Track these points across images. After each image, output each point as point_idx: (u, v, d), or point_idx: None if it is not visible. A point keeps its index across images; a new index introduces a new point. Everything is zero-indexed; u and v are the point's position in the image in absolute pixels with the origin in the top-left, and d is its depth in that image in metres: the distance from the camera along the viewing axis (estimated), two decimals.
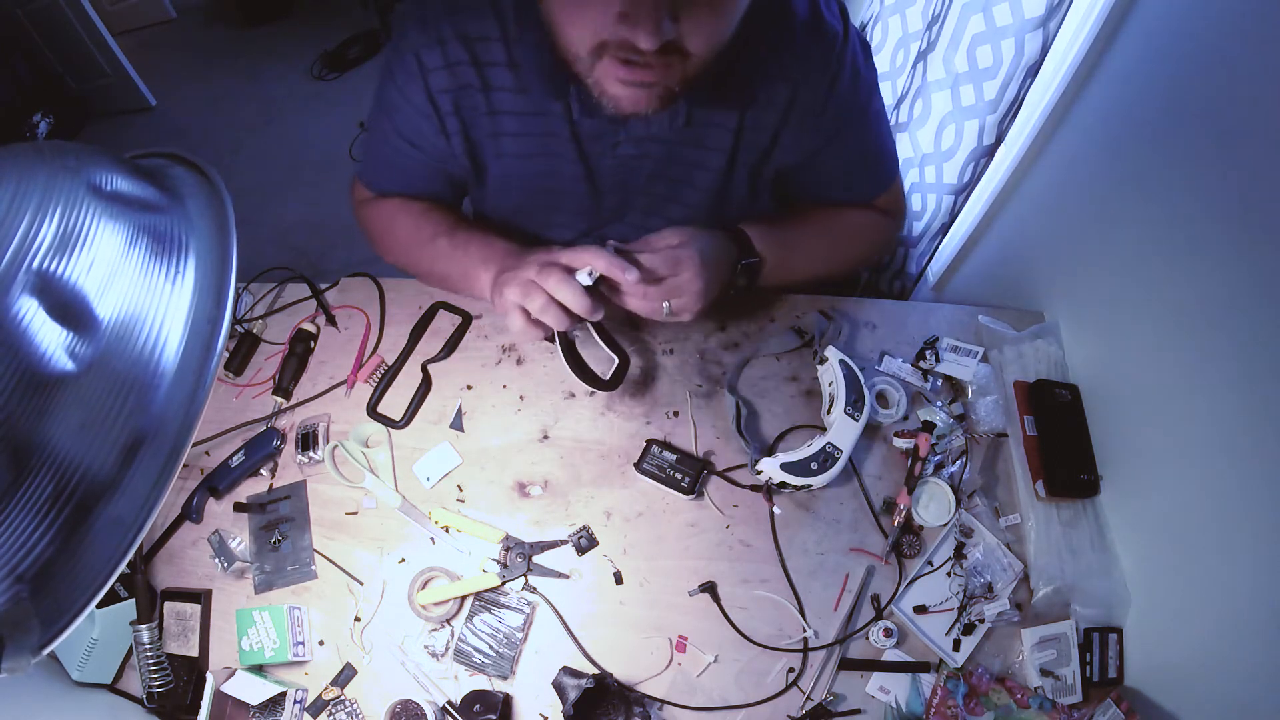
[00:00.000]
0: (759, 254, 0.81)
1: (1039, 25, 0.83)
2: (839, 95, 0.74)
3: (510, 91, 0.72)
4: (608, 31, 0.56)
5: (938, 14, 1.01)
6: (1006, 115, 0.94)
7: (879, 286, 1.30)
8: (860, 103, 0.78)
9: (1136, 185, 0.76)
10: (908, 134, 1.13)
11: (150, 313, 0.39)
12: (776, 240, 0.83)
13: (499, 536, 0.79)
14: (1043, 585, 0.75)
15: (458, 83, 0.72)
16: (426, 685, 0.74)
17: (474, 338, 0.91)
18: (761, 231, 0.82)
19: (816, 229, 0.89)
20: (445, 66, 0.71)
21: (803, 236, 0.87)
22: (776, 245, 0.83)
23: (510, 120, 0.74)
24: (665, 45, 0.55)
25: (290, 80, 3.00)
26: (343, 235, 2.37)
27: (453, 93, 0.73)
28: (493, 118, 0.75)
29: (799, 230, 0.87)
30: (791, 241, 0.86)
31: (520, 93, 0.72)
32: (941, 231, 1.13)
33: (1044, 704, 0.71)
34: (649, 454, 0.81)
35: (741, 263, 0.80)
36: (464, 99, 0.73)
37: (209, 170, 0.49)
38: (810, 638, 0.75)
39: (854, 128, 0.80)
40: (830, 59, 0.72)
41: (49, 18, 2.67)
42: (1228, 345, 0.64)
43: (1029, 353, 0.87)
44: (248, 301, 0.96)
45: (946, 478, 0.80)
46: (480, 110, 0.74)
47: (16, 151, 0.39)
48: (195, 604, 0.78)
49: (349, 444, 0.83)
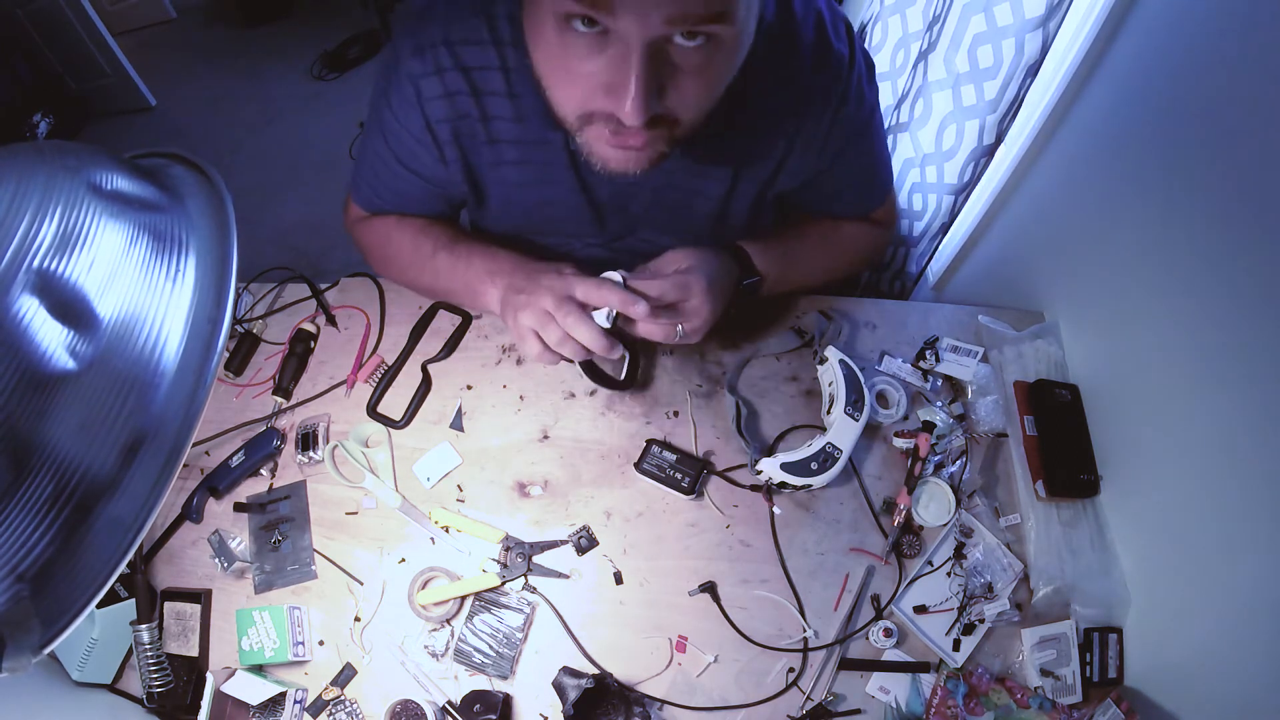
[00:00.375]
0: (759, 272, 0.82)
1: (1039, 25, 0.83)
2: (843, 120, 0.74)
3: (509, 121, 0.71)
4: (594, 103, 0.56)
5: (938, 14, 1.01)
6: (1007, 115, 0.94)
7: (879, 286, 1.30)
8: (862, 123, 0.77)
9: (1136, 185, 0.76)
10: (908, 134, 1.13)
11: (150, 312, 0.39)
12: (776, 257, 0.84)
13: (499, 536, 0.79)
14: (1043, 585, 0.75)
15: (456, 112, 0.71)
16: (426, 685, 0.74)
17: (474, 338, 0.91)
18: (761, 249, 0.83)
19: (814, 242, 0.90)
20: (444, 96, 0.69)
21: (801, 251, 0.88)
22: (776, 261, 0.84)
23: (510, 149, 0.74)
24: (653, 117, 0.54)
25: (290, 80, 3.00)
26: (343, 235, 2.33)
27: (451, 122, 0.71)
28: (493, 146, 0.74)
29: (797, 245, 0.88)
30: (791, 257, 0.86)
31: (519, 121, 0.71)
32: (941, 231, 1.13)
33: (1044, 704, 0.71)
34: (649, 454, 0.81)
35: (744, 282, 0.81)
36: (463, 128, 0.72)
37: (209, 170, 0.49)
38: (810, 638, 0.75)
39: (855, 148, 0.79)
40: (836, 87, 0.71)
41: (49, 18, 2.67)
42: (1228, 345, 0.64)
43: (1029, 353, 0.87)
44: (248, 301, 0.96)
45: (946, 478, 0.80)
46: (480, 139, 0.73)
47: (16, 151, 0.39)
48: (195, 604, 0.78)
49: (349, 444, 0.83)
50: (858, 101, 0.74)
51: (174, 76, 3.05)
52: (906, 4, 1.16)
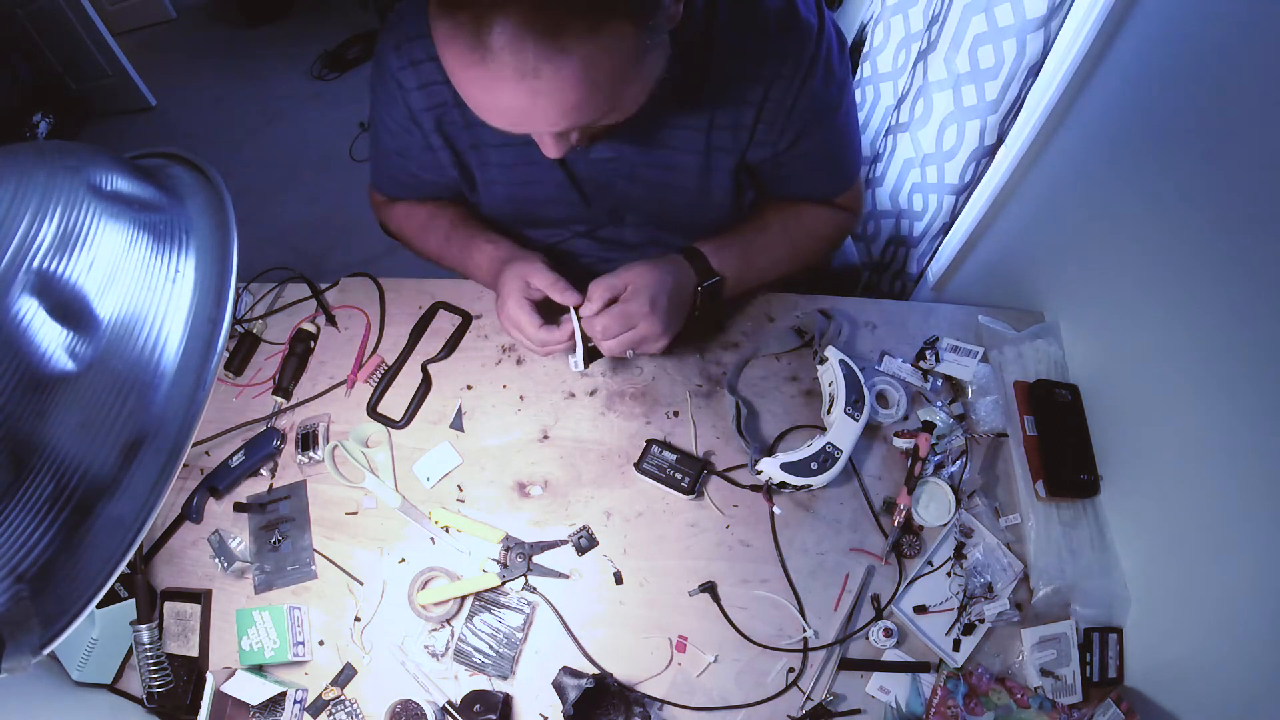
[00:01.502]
0: (717, 272, 0.82)
1: (1040, 25, 0.83)
2: (810, 93, 0.73)
3: None
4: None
5: (939, 14, 1.01)
6: (1008, 115, 0.94)
7: (879, 286, 1.30)
8: (831, 101, 0.77)
9: (1137, 185, 0.76)
10: (908, 134, 1.13)
11: (150, 312, 0.39)
12: (736, 254, 0.84)
13: (499, 536, 0.79)
14: (1043, 585, 0.75)
15: (433, 101, 0.74)
16: (426, 685, 0.74)
17: (474, 338, 0.91)
18: (716, 248, 0.83)
19: (776, 233, 0.89)
20: (420, 87, 0.73)
21: (761, 243, 0.87)
22: (736, 259, 0.84)
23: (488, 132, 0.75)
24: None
25: (290, 80, 2.99)
26: (342, 235, 2.37)
27: (431, 110, 0.75)
28: (471, 130, 0.77)
29: (759, 238, 0.87)
30: (751, 251, 0.86)
31: None
32: (942, 231, 1.13)
33: (1044, 704, 0.71)
34: (649, 454, 0.81)
35: (702, 285, 0.81)
36: (443, 115, 0.76)
37: (209, 170, 0.49)
38: (810, 638, 0.75)
39: (823, 126, 0.79)
40: (804, 56, 0.71)
41: (49, 18, 2.66)
42: (1228, 345, 0.64)
43: (1029, 353, 0.87)
44: (248, 301, 0.96)
45: (946, 478, 0.80)
46: (459, 125, 0.76)
47: (16, 151, 0.39)
48: (195, 604, 0.78)
49: (349, 444, 0.83)
50: (826, 76, 0.73)
51: (174, 76, 3.05)
52: (907, 4, 1.16)
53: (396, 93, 0.75)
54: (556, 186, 0.80)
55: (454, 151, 0.80)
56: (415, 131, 0.78)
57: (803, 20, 0.70)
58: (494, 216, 0.89)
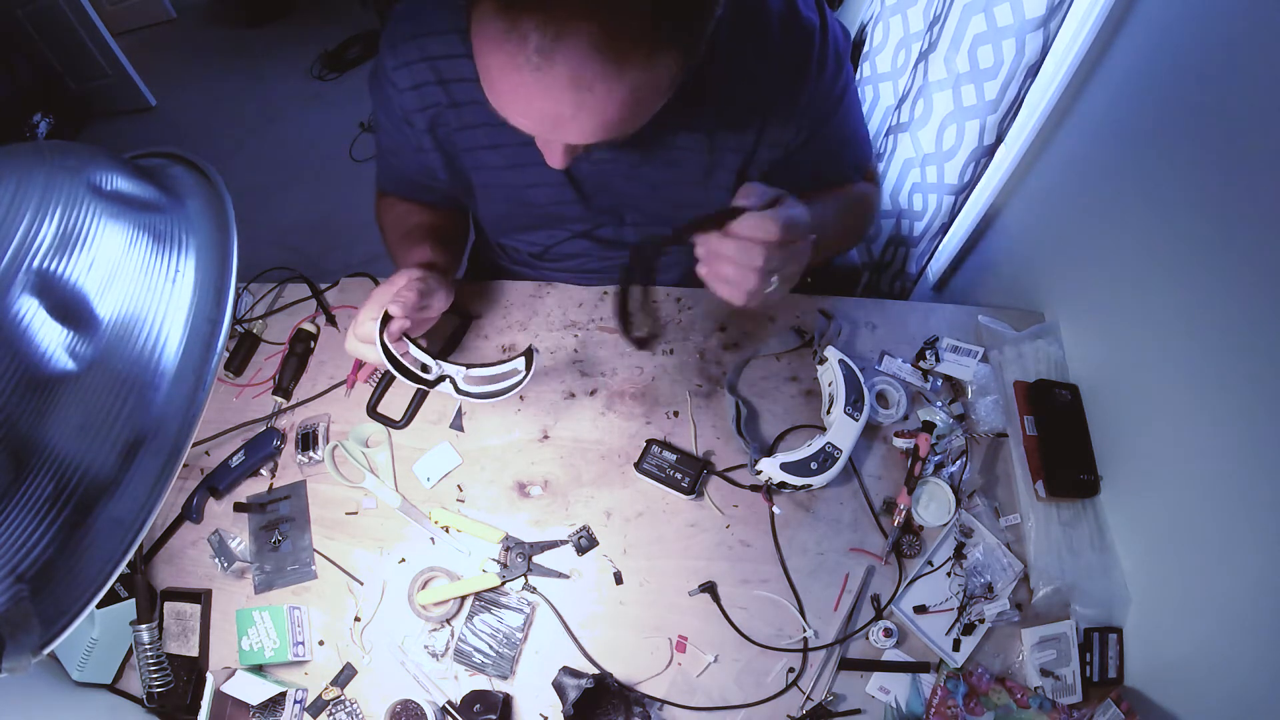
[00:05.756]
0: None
1: (1040, 25, 0.83)
2: (817, 92, 0.73)
3: (480, 105, 0.72)
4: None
5: (938, 14, 1.01)
6: (1007, 115, 0.94)
7: (879, 286, 1.30)
8: (836, 95, 0.77)
9: (1136, 185, 0.76)
10: (909, 134, 1.13)
11: (150, 312, 0.39)
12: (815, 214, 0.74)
13: (499, 536, 0.79)
14: (1043, 585, 0.75)
15: (426, 102, 0.75)
16: (426, 685, 0.74)
17: (474, 338, 0.91)
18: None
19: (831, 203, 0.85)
20: (413, 88, 0.74)
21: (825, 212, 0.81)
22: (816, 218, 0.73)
23: (482, 133, 0.76)
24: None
25: (290, 80, 2.99)
26: (342, 235, 2.37)
27: (424, 112, 0.75)
28: (465, 132, 0.77)
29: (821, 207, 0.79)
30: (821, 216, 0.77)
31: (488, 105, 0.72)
32: (941, 231, 1.13)
33: (1044, 704, 0.71)
34: (649, 454, 0.81)
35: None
36: (437, 117, 0.76)
37: (209, 170, 0.49)
38: (810, 638, 0.75)
39: (832, 121, 0.79)
40: (808, 57, 0.71)
41: (49, 18, 2.66)
42: (1228, 345, 0.64)
43: (1029, 353, 0.87)
44: (248, 301, 0.96)
45: (946, 478, 0.80)
46: (453, 126, 0.76)
47: (16, 151, 0.39)
48: (195, 604, 0.78)
49: (349, 444, 0.83)
50: (834, 72, 0.74)
51: (174, 76, 3.05)
52: (907, 4, 1.16)
53: (390, 91, 0.75)
54: (555, 187, 0.80)
55: (446, 155, 0.79)
56: (406, 131, 0.78)
57: (804, 20, 0.70)
58: (491, 218, 0.89)
